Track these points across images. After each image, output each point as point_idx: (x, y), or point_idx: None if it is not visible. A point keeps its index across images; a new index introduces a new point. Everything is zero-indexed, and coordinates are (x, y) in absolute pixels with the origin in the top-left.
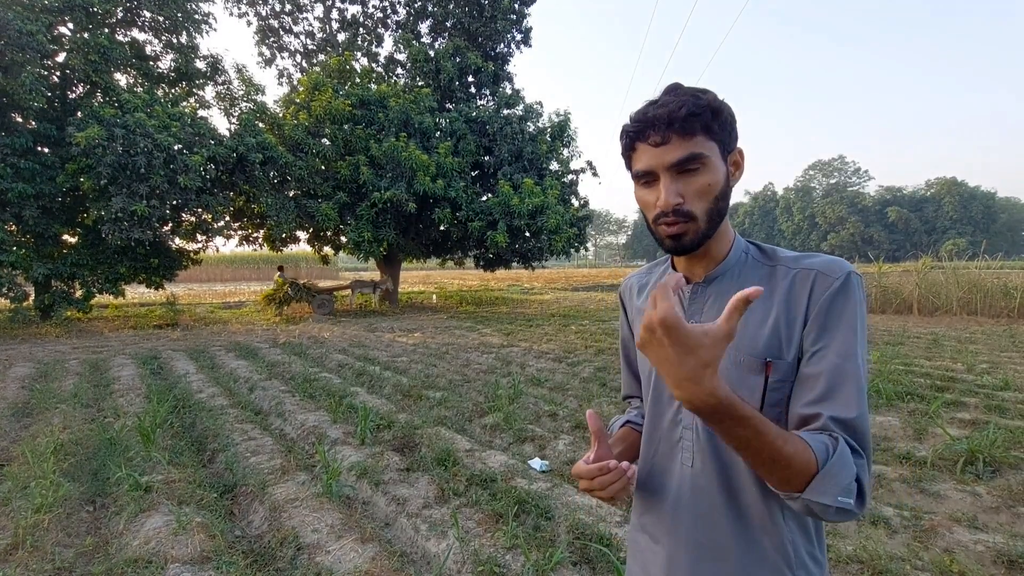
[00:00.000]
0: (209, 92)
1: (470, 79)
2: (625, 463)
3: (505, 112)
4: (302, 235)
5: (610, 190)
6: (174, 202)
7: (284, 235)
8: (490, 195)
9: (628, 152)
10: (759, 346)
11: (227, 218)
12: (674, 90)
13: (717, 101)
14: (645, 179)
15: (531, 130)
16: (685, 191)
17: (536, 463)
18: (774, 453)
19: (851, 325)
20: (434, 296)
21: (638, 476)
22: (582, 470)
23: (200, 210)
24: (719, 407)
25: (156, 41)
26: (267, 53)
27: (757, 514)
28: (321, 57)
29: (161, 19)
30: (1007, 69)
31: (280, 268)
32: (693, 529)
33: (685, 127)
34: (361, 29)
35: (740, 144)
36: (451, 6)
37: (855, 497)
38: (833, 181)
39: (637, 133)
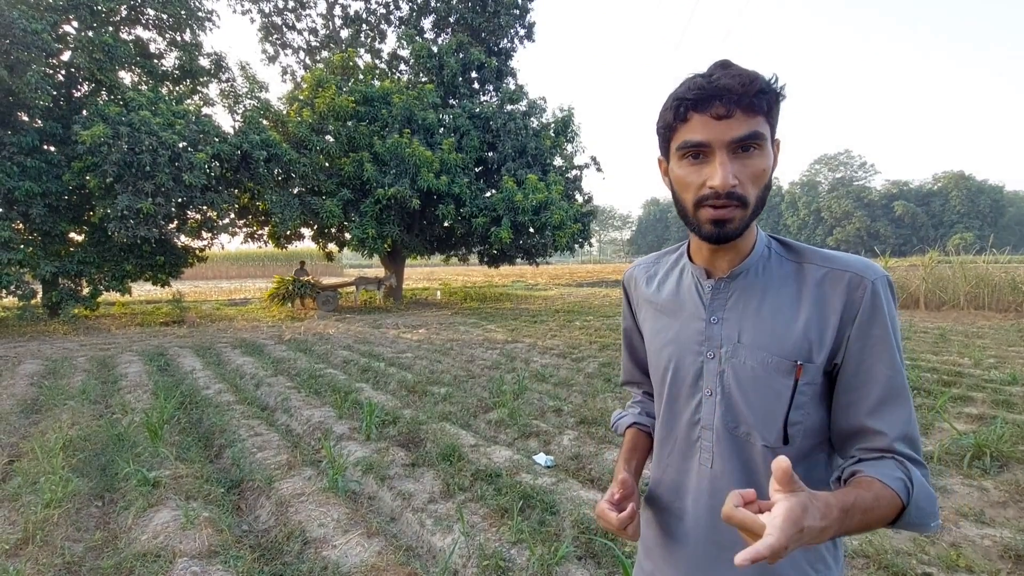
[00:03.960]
0: (213, 89)
1: (473, 75)
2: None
3: (508, 108)
4: (306, 232)
5: (614, 185)
6: (179, 199)
7: (288, 232)
8: (494, 191)
9: (678, 122)
10: (788, 348)
11: (232, 215)
12: (728, 66)
13: (778, 84)
14: (694, 153)
15: (535, 126)
16: (740, 173)
17: (541, 458)
18: (870, 522)
19: (892, 334)
20: (438, 292)
21: (652, 476)
22: (613, 521)
23: (205, 207)
24: (839, 529)
25: (160, 39)
26: (270, 50)
27: None
28: (324, 54)
29: (165, 17)
30: (1016, 62)
31: (302, 263)
32: (712, 530)
33: (753, 104)
34: (364, 25)
35: None
36: (454, 1)
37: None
38: (839, 175)
39: (697, 102)
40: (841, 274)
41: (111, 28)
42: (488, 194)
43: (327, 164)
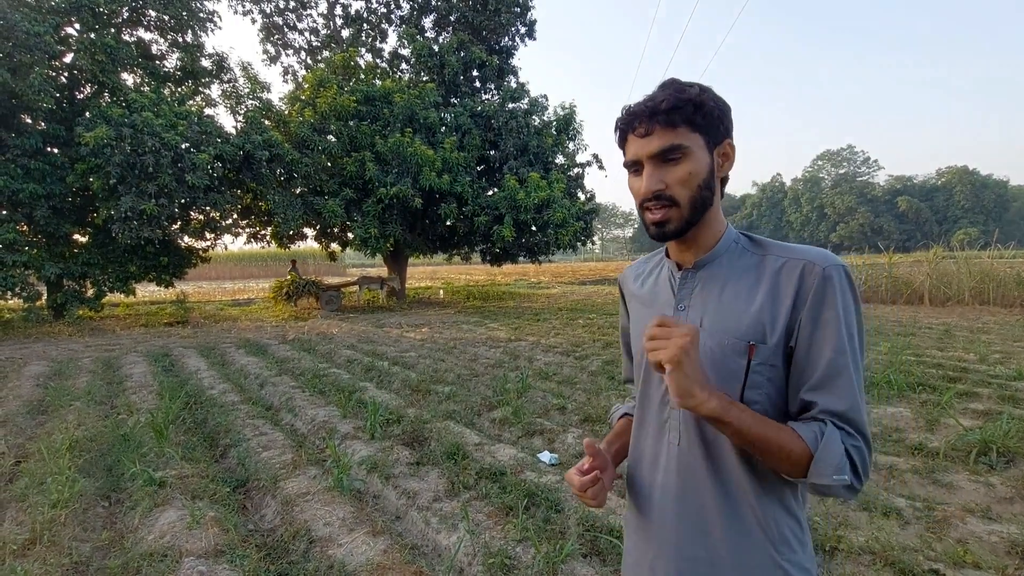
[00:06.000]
0: (215, 90)
1: (474, 73)
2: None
3: (510, 106)
4: (309, 232)
5: (616, 183)
6: (182, 200)
7: (291, 232)
8: (496, 189)
9: (622, 144)
10: (742, 329)
11: (235, 216)
12: (668, 85)
13: (701, 96)
14: (634, 168)
15: (536, 124)
16: (667, 179)
17: (545, 456)
18: (771, 444)
19: (843, 318)
20: (441, 291)
21: (631, 456)
22: (575, 483)
23: (208, 208)
24: (725, 413)
25: (162, 40)
26: (272, 50)
27: (740, 490)
28: (326, 54)
29: (166, 18)
30: (1020, 56)
31: (293, 263)
32: (680, 506)
33: (667, 119)
34: (365, 25)
35: (738, 135)
36: (454, 0)
37: (849, 473)
38: (842, 171)
39: (626, 125)
40: (797, 262)
41: (113, 30)
42: (490, 192)
43: (329, 164)
